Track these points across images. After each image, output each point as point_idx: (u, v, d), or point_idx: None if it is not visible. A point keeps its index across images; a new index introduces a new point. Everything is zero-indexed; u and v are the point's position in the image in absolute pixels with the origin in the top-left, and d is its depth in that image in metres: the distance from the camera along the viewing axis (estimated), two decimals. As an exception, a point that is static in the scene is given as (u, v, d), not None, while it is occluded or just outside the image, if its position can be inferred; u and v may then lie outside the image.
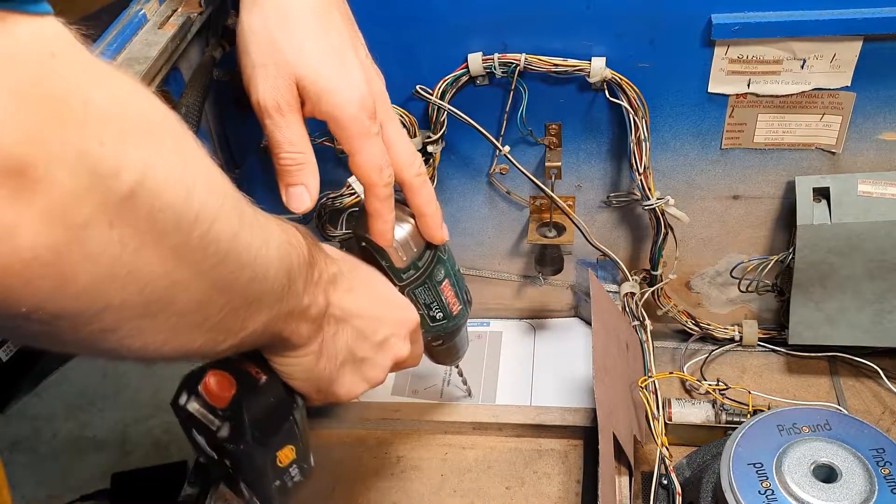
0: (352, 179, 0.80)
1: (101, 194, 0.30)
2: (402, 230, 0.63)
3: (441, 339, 0.72)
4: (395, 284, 0.63)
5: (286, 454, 0.59)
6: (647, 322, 0.84)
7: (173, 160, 0.34)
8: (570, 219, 0.81)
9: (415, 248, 0.65)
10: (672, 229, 0.81)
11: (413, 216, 0.63)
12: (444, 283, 0.68)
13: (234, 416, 0.55)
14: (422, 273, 0.65)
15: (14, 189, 0.28)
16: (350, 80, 0.56)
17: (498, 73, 0.75)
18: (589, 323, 0.91)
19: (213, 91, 0.72)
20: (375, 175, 0.57)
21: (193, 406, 0.55)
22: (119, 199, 0.31)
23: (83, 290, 0.32)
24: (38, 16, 0.29)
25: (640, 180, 0.78)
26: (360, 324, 0.58)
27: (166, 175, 0.33)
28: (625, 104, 0.75)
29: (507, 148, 0.79)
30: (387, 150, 0.58)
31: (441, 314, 0.67)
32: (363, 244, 0.62)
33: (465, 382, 0.86)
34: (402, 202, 0.64)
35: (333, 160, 0.82)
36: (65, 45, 0.31)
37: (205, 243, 0.36)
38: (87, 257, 0.31)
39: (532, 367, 0.90)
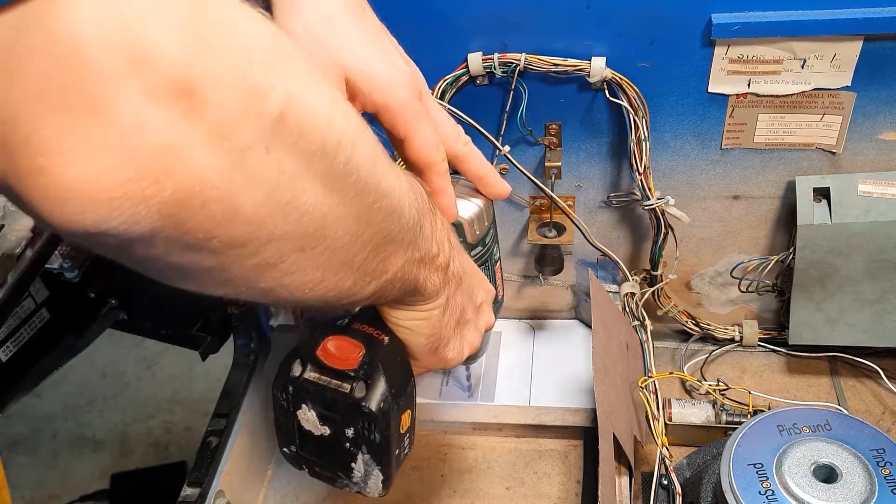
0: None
1: (257, 117, 0.31)
2: (474, 205, 0.63)
3: None
4: None
5: (405, 420, 0.58)
6: (647, 322, 0.84)
7: (312, 86, 0.35)
8: (571, 219, 0.81)
9: (486, 222, 0.65)
10: (672, 229, 0.81)
11: (475, 189, 0.64)
12: (497, 265, 0.68)
13: (368, 374, 0.53)
14: (486, 251, 0.65)
15: (185, 110, 0.29)
16: (395, 66, 0.57)
17: (498, 72, 0.75)
18: (588, 325, 0.91)
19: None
20: (434, 153, 0.58)
21: (312, 374, 0.54)
22: (272, 122, 0.32)
23: (250, 217, 0.33)
24: None
25: (640, 180, 0.78)
26: (469, 283, 0.59)
27: (308, 99, 0.34)
28: (625, 104, 0.75)
29: (507, 148, 0.79)
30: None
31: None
32: None
33: (468, 378, 0.86)
34: (456, 176, 0.63)
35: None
36: None
37: (348, 170, 0.37)
38: (251, 182, 0.32)
39: (531, 367, 0.90)
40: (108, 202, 0.28)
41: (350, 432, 0.54)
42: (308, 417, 0.55)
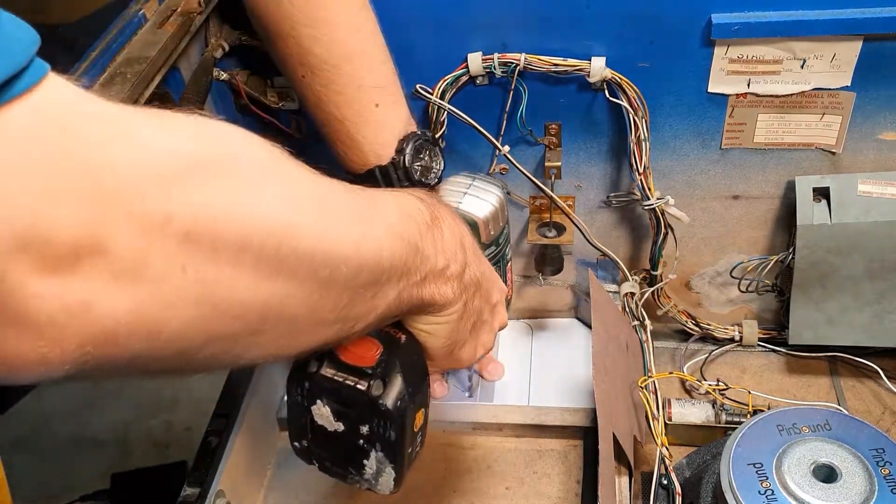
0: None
1: (162, 245, 0.31)
2: (489, 205, 0.63)
3: None
4: None
5: (420, 419, 0.58)
6: (647, 322, 0.84)
7: (224, 184, 0.33)
8: (570, 219, 0.81)
9: (501, 222, 0.65)
10: (672, 229, 0.81)
11: (499, 187, 0.64)
12: (509, 265, 0.68)
13: (386, 372, 0.53)
14: (499, 250, 0.65)
15: (78, 268, 0.28)
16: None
17: (498, 72, 0.75)
18: (588, 325, 0.91)
19: (213, 91, 0.72)
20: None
21: (328, 370, 0.54)
22: (179, 242, 0.31)
23: (175, 334, 0.33)
24: (31, 91, 0.28)
25: (640, 180, 0.78)
26: (487, 286, 0.59)
27: (218, 204, 0.33)
28: (625, 104, 0.75)
29: (506, 148, 0.79)
30: None
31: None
32: None
33: (469, 379, 0.86)
34: (483, 177, 0.63)
35: (332, 159, 0.82)
36: (70, 113, 0.30)
37: (283, 254, 0.36)
38: (168, 306, 0.31)
39: (531, 367, 0.90)
40: (24, 367, 0.29)
41: (365, 429, 0.54)
42: (322, 413, 0.55)
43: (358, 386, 0.53)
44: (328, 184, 0.41)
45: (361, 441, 0.55)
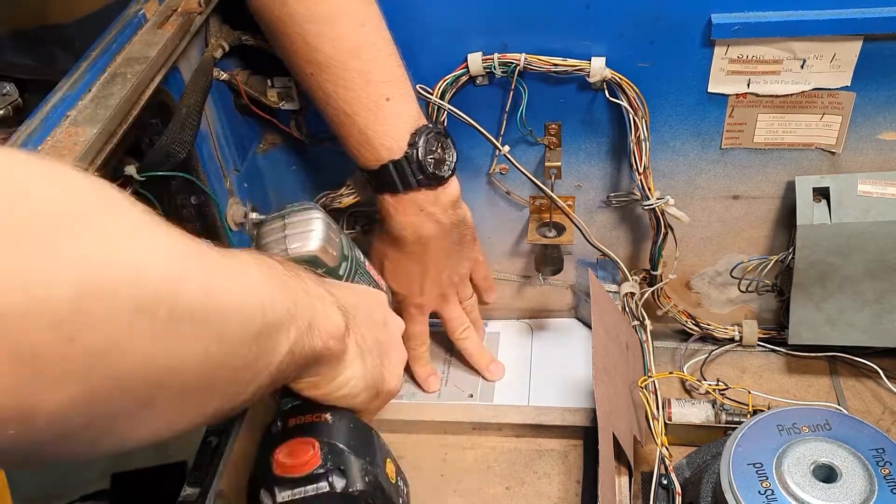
0: (351, 180, 0.80)
1: (47, 326, 0.28)
2: (317, 232, 0.60)
3: None
4: None
5: (390, 469, 0.56)
6: (647, 322, 0.84)
7: (112, 251, 0.31)
8: (570, 219, 0.81)
9: (336, 237, 0.63)
10: (672, 229, 0.81)
11: (314, 208, 0.63)
12: (366, 263, 0.69)
13: (336, 462, 0.52)
14: (351, 261, 0.64)
15: None
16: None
17: (498, 73, 0.75)
18: (588, 325, 0.91)
19: (213, 91, 0.72)
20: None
21: (284, 495, 0.52)
22: (64, 318, 0.28)
23: (55, 415, 0.29)
24: None
25: (640, 180, 0.78)
26: (364, 311, 0.58)
27: (107, 268, 0.30)
28: (625, 104, 0.75)
29: (506, 148, 0.79)
30: None
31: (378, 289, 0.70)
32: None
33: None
34: (291, 207, 0.62)
35: (332, 159, 0.82)
36: None
37: (178, 315, 0.33)
38: (49, 382, 0.28)
39: (530, 367, 0.90)
40: None
41: None
42: None
43: (320, 491, 0.51)
44: (189, 236, 0.37)
45: None
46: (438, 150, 0.71)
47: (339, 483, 0.51)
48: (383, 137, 0.69)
